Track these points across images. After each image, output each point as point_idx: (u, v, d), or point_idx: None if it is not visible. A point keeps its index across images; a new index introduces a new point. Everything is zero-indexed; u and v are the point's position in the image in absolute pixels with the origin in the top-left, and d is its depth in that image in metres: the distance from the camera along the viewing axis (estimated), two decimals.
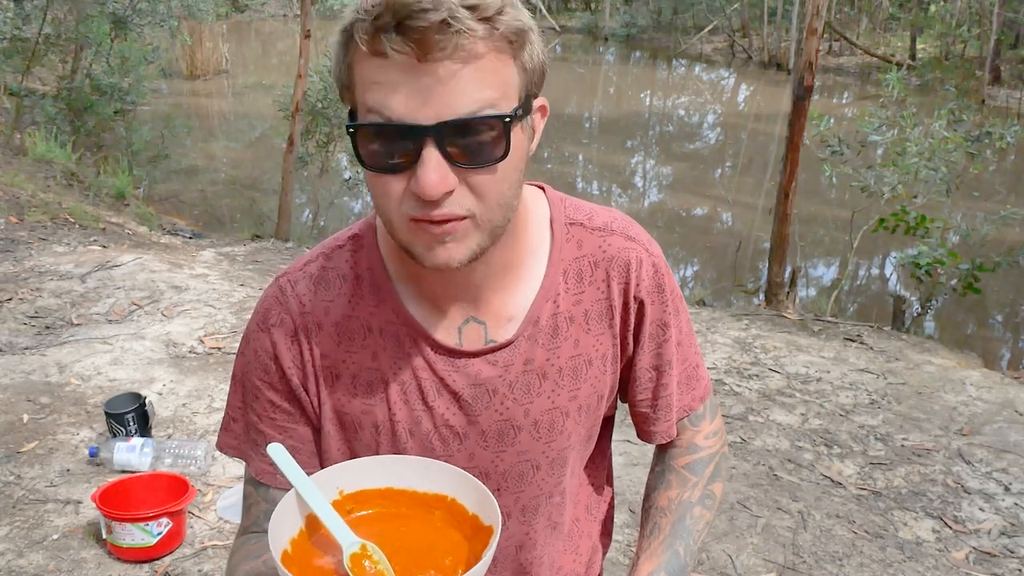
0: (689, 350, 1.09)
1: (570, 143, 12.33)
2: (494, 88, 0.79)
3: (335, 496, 0.84)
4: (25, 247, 4.62)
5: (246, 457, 1.01)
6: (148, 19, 8.67)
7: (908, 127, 5.55)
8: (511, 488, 1.02)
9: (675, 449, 1.11)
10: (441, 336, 0.97)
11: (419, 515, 0.84)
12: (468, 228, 0.84)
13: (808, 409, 3.26)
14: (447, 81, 0.77)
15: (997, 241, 6.28)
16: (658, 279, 1.02)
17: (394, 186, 0.82)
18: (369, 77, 0.79)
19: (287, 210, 6.87)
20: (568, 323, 0.98)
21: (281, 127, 7.67)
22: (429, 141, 0.78)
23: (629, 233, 1.02)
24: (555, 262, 0.98)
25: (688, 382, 1.09)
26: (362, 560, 0.78)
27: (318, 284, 0.98)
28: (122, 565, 2.15)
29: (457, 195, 0.81)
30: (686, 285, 7.31)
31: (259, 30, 23.09)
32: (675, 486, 1.08)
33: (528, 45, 0.82)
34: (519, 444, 1.00)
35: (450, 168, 0.79)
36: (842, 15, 21.66)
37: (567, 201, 1.02)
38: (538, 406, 0.99)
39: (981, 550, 2.41)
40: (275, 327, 0.98)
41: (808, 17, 5.21)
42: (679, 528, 1.05)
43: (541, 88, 0.88)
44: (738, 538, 2.42)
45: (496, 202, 0.84)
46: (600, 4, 27.71)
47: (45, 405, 2.92)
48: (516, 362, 0.97)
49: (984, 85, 14.70)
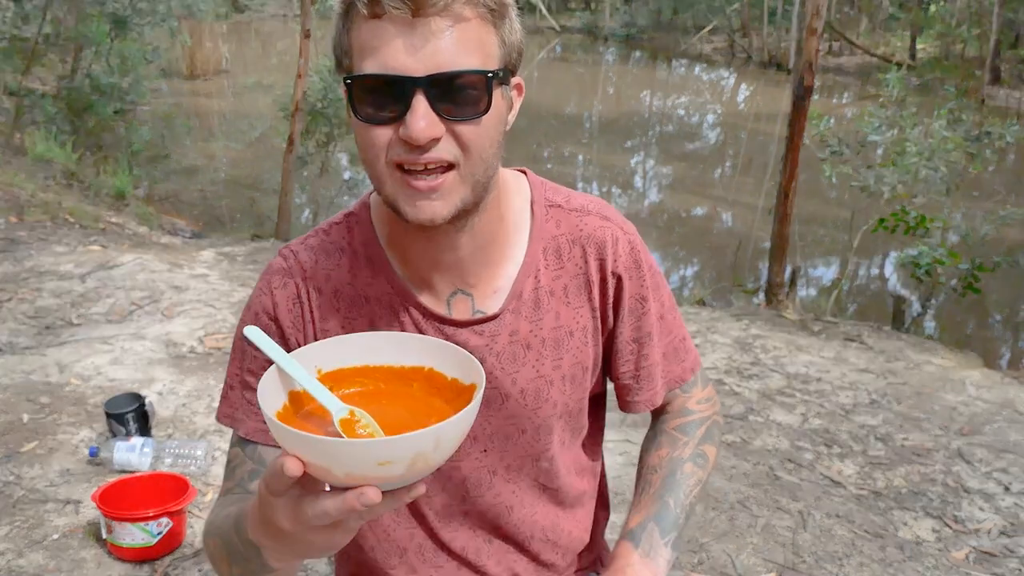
0: (673, 323, 1.14)
1: (570, 143, 12.33)
2: (478, 49, 0.87)
3: (314, 375, 0.85)
4: (25, 247, 4.62)
5: (238, 422, 1.05)
6: (148, 19, 8.66)
7: (908, 127, 5.55)
8: (496, 448, 1.08)
9: (667, 415, 1.17)
10: (431, 305, 1.03)
11: (398, 389, 0.86)
12: (452, 182, 0.90)
13: (808, 409, 3.26)
14: (437, 36, 0.85)
15: (997, 241, 6.28)
16: (635, 256, 1.09)
17: (383, 135, 0.88)
18: (366, 38, 0.87)
19: (287, 210, 6.87)
20: (549, 296, 1.05)
21: (281, 127, 7.67)
22: (419, 91, 0.85)
23: (604, 214, 1.09)
24: (536, 239, 1.05)
25: (676, 353, 1.15)
26: (352, 425, 0.78)
27: (318, 254, 1.05)
28: (122, 565, 2.15)
29: (443, 143, 0.87)
30: (686, 285, 7.31)
31: (259, 30, 23.08)
32: (666, 446, 1.14)
33: (508, 19, 0.91)
34: (506, 409, 1.06)
35: (437, 118, 0.86)
36: (842, 15, 21.66)
37: (547, 184, 1.11)
38: (524, 375, 1.06)
39: (981, 550, 2.41)
40: (278, 289, 1.04)
41: (808, 17, 5.21)
42: (669, 482, 1.09)
43: (519, 67, 0.96)
44: (738, 538, 2.42)
45: (478, 155, 0.90)
46: (600, 4, 27.71)
47: (45, 405, 2.92)
48: (502, 333, 1.04)
49: (984, 85, 14.70)
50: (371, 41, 0.86)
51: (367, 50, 0.87)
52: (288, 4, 24.52)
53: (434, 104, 0.86)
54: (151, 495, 2.23)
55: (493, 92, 0.89)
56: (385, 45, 0.85)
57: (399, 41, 0.85)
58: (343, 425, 0.77)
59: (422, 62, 0.85)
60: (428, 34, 0.85)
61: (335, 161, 8.06)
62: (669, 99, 17.37)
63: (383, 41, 0.85)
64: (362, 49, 0.87)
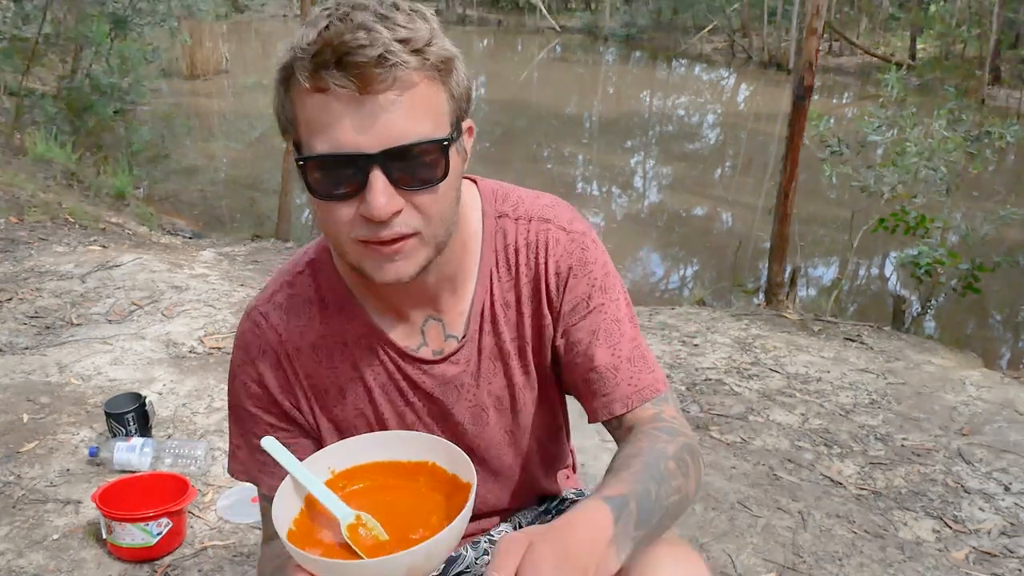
0: (635, 333, 1.09)
1: (570, 143, 12.32)
2: (429, 116, 0.86)
3: (327, 475, 0.92)
4: (25, 247, 4.62)
5: (256, 480, 1.09)
6: (148, 19, 8.66)
7: (908, 127, 5.55)
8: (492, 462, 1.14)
9: (641, 423, 1.06)
10: (407, 341, 1.06)
11: (405, 483, 0.93)
12: (415, 245, 0.91)
13: (808, 409, 3.26)
14: (388, 110, 0.83)
15: (997, 241, 6.28)
16: (580, 254, 1.06)
17: (343, 212, 0.88)
18: (313, 112, 0.85)
19: (287, 210, 6.87)
20: (505, 309, 1.07)
21: None
22: (375, 167, 0.84)
23: (546, 216, 1.07)
24: (487, 255, 1.06)
25: (643, 361, 1.07)
26: (358, 529, 0.86)
27: (288, 312, 1.05)
28: (122, 565, 2.15)
29: (404, 215, 0.88)
30: (686, 285, 7.31)
31: (259, 30, 23.07)
32: (645, 439, 1.00)
33: (455, 72, 0.90)
34: (490, 421, 1.11)
35: (396, 191, 0.86)
36: (842, 15, 21.65)
37: (497, 192, 1.09)
38: (497, 383, 1.09)
39: (981, 550, 2.41)
40: (258, 359, 1.05)
41: (808, 17, 5.21)
42: (652, 470, 0.93)
43: (468, 112, 0.95)
44: (738, 538, 2.42)
45: (439, 218, 0.91)
46: (600, 4, 27.70)
47: (45, 405, 2.92)
48: (472, 356, 1.07)
49: (984, 85, 14.69)
50: (319, 117, 0.85)
51: (315, 126, 0.85)
52: (288, 4, 24.52)
53: (391, 178, 0.85)
54: (151, 495, 2.23)
55: (449, 156, 0.89)
56: (335, 123, 0.83)
57: (348, 119, 0.83)
58: (350, 531, 0.86)
59: (376, 138, 0.83)
60: (378, 109, 0.83)
61: None
62: (669, 99, 17.36)
63: (332, 118, 0.83)
64: (309, 124, 0.86)
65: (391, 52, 0.81)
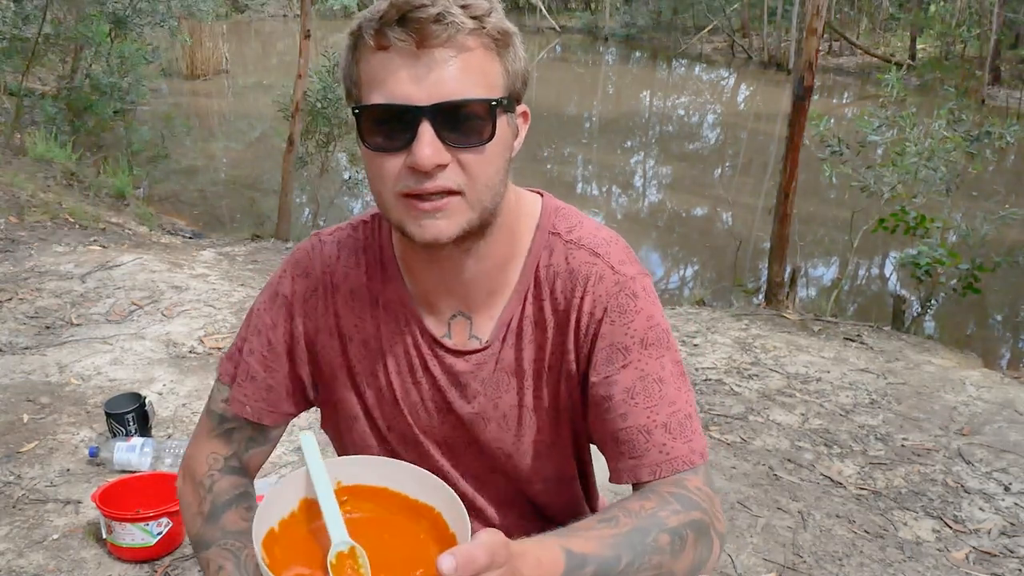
0: (677, 395, 1.00)
1: (570, 143, 12.32)
2: (482, 78, 0.89)
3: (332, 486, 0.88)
4: (25, 247, 4.62)
5: (232, 381, 1.11)
6: (148, 19, 8.66)
7: (908, 127, 5.54)
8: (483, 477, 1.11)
9: (661, 483, 0.99)
10: (431, 325, 1.06)
11: (407, 522, 0.87)
12: (457, 204, 0.91)
13: (808, 409, 3.26)
14: (441, 66, 0.87)
15: (997, 241, 6.28)
16: (622, 300, 1.01)
17: (391, 164, 0.90)
18: (374, 70, 0.89)
19: (287, 210, 6.87)
20: (532, 327, 1.05)
21: (281, 127, 7.67)
22: (424, 120, 0.87)
23: (598, 250, 1.03)
24: (528, 268, 1.04)
25: (681, 429, 0.99)
26: (347, 560, 0.81)
27: (342, 251, 1.09)
28: (122, 565, 2.15)
29: (449, 171, 0.90)
30: (686, 285, 7.31)
31: (259, 30, 23.08)
32: (654, 501, 0.94)
33: (512, 48, 0.93)
34: (488, 432, 1.08)
35: (443, 146, 0.88)
36: (842, 15, 21.65)
37: (560, 211, 1.07)
38: (506, 401, 1.07)
39: (981, 550, 2.41)
40: (299, 277, 1.09)
41: (808, 17, 5.21)
42: (637, 537, 0.88)
43: (524, 94, 0.97)
44: (738, 538, 2.42)
45: (484, 182, 0.92)
46: (600, 4, 27.69)
47: (45, 405, 2.92)
48: (489, 362, 1.05)
49: (984, 85, 14.69)
50: (378, 72, 0.89)
51: (374, 81, 0.89)
52: (288, 4, 24.52)
53: (439, 132, 0.88)
54: (151, 495, 2.23)
55: (497, 120, 0.91)
56: (391, 76, 0.88)
57: (404, 72, 0.87)
58: (338, 559, 0.80)
59: (427, 91, 0.87)
60: (432, 64, 0.87)
61: (335, 161, 8.05)
62: (669, 99, 17.36)
63: (389, 72, 0.88)
64: (370, 80, 0.90)
65: (450, 12, 0.86)
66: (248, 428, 1.11)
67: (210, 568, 1.00)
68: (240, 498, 1.07)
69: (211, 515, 1.05)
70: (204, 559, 1.02)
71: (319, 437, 1.04)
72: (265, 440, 1.13)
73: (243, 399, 1.10)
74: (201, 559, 1.03)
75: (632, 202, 10.03)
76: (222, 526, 1.03)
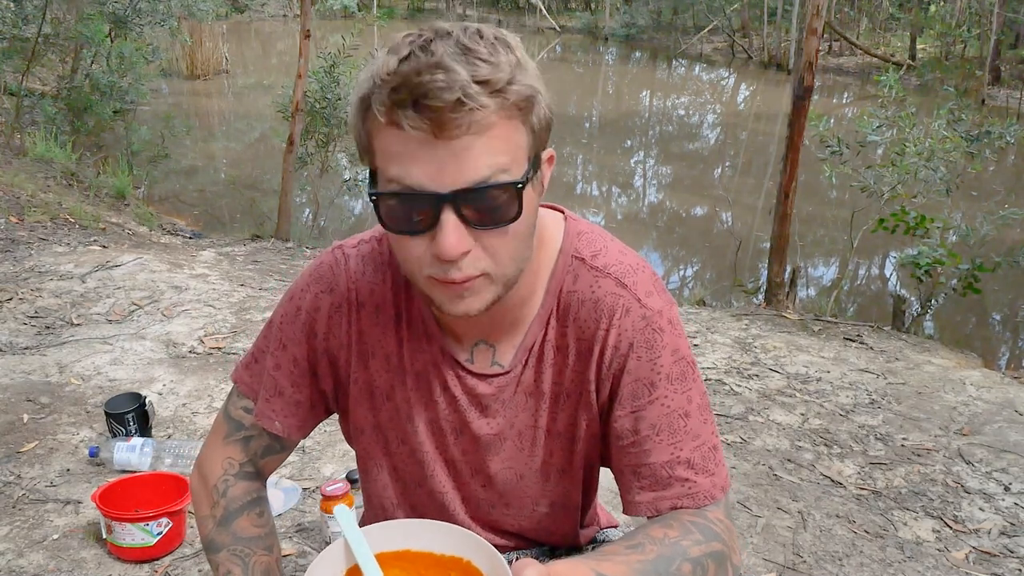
0: (702, 428, 1.00)
1: (570, 143, 12.32)
2: (505, 154, 0.83)
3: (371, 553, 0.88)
4: (25, 247, 4.62)
5: (255, 397, 1.11)
6: (148, 19, 8.65)
7: (907, 127, 5.55)
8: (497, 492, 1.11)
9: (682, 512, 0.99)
10: (454, 348, 1.04)
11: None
12: (483, 283, 0.89)
13: (808, 409, 3.26)
14: (461, 153, 0.80)
15: (997, 241, 6.28)
16: (649, 335, 0.99)
17: (415, 247, 0.87)
18: (388, 146, 0.83)
19: (287, 210, 6.86)
20: (554, 351, 1.03)
21: (281, 127, 7.66)
22: (447, 207, 0.82)
23: (624, 280, 1.00)
24: (551, 293, 1.02)
25: (703, 463, 0.99)
26: None
27: (367, 265, 1.05)
28: (122, 565, 2.15)
29: (473, 256, 0.86)
30: (686, 285, 7.31)
31: (259, 30, 23.08)
32: (676, 529, 0.94)
33: (536, 107, 0.86)
34: (504, 452, 1.07)
35: (467, 230, 0.84)
36: (842, 15, 21.66)
37: (583, 234, 1.04)
38: (522, 420, 1.05)
39: (981, 550, 2.41)
40: (323, 294, 1.06)
41: (808, 17, 5.21)
42: (662, 567, 0.89)
43: (547, 141, 0.91)
44: (738, 538, 2.41)
45: (509, 258, 0.89)
46: (600, 4, 27.70)
47: (45, 405, 2.92)
48: (510, 384, 1.04)
49: (984, 85, 14.69)
50: (393, 147, 0.83)
51: (390, 155, 0.83)
52: (288, 4, 24.52)
53: (462, 217, 0.83)
54: (151, 495, 2.23)
55: (523, 196, 0.86)
56: (409, 160, 0.82)
57: (422, 158, 0.81)
58: None
59: (449, 177, 0.81)
60: (452, 152, 0.80)
61: (335, 161, 8.04)
62: (669, 99, 17.36)
63: (406, 151, 0.82)
64: (384, 155, 0.84)
65: (468, 96, 0.78)
66: (267, 437, 1.11)
67: (219, 572, 1.05)
68: (252, 504, 1.10)
69: (223, 520, 1.07)
70: (214, 562, 1.06)
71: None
72: (283, 448, 1.13)
73: (271, 414, 1.09)
74: (211, 561, 1.06)
75: (632, 202, 10.03)
76: (233, 531, 1.07)
